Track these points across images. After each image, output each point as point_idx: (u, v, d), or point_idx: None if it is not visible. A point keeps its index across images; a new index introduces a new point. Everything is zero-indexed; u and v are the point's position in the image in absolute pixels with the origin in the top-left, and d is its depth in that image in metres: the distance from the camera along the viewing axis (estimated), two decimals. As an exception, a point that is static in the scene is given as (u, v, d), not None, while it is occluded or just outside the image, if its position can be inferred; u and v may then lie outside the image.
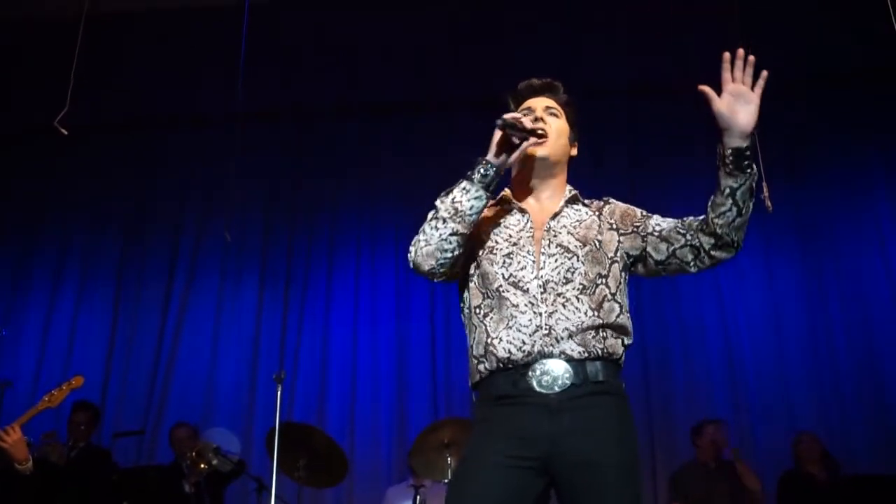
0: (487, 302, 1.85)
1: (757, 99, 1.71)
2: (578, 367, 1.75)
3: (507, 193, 2.02)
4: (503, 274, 1.84)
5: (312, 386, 5.86)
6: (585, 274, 1.82)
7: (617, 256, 1.89)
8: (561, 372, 1.74)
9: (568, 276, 1.82)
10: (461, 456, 1.97)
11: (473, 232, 1.87)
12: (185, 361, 6.02)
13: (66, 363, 6.01)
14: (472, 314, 1.89)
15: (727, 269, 5.80)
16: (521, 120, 1.82)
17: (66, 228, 6.58)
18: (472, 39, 5.67)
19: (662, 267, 1.90)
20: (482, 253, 1.90)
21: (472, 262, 1.92)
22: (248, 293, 6.20)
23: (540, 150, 1.92)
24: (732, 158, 1.71)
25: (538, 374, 1.75)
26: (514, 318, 1.78)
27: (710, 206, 1.77)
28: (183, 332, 6.12)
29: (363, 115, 6.52)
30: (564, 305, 1.78)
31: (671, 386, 5.59)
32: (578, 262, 1.83)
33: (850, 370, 5.48)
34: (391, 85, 6.14)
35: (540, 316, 1.77)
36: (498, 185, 1.88)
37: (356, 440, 5.62)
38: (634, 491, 1.73)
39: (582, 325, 1.77)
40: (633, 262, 1.93)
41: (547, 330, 1.76)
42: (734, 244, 1.81)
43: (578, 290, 1.80)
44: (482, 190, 1.81)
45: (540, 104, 1.99)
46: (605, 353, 1.77)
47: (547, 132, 1.93)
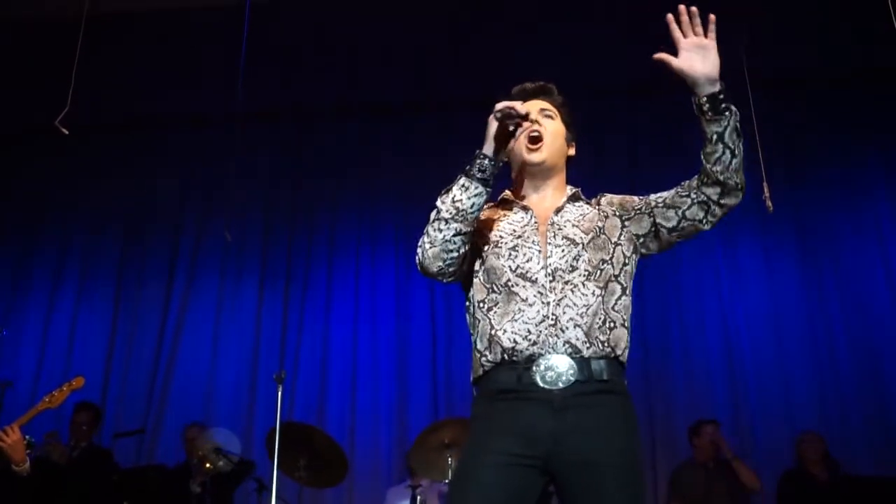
0: (493, 296, 1.85)
1: (712, 44, 1.76)
2: (583, 364, 1.74)
3: (507, 194, 2.02)
4: (510, 266, 1.84)
5: (312, 386, 5.85)
6: (589, 261, 1.83)
7: (621, 240, 1.90)
8: (565, 368, 1.74)
9: (574, 263, 1.82)
10: (461, 454, 1.97)
11: (477, 229, 1.88)
12: (185, 361, 6.01)
13: (66, 363, 6.01)
14: (475, 309, 1.88)
15: (728, 268, 5.82)
16: (514, 107, 1.81)
17: (66, 228, 6.58)
18: (472, 39, 5.67)
19: (677, 233, 1.90)
20: (487, 248, 1.90)
21: (476, 258, 1.92)
22: (248, 293, 6.20)
23: (536, 155, 1.93)
24: (709, 105, 1.75)
25: (542, 369, 1.74)
26: (521, 311, 1.78)
27: (703, 158, 1.80)
28: (183, 332, 6.12)
29: (363, 115, 6.52)
30: (572, 291, 1.79)
31: (671, 386, 5.59)
32: (584, 250, 1.84)
33: (849, 370, 5.47)
34: (391, 85, 6.14)
35: (548, 305, 1.78)
36: (496, 179, 1.88)
37: (356, 440, 5.62)
38: (637, 491, 1.72)
39: (588, 308, 1.77)
40: (643, 241, 1.94)
41: (553, 320, 1.76)
42: (738, 186, 1.82)
43: (584, 276, 1.81)
44: (481, 185, 1.82)
45: (534, 107, 1.99)
46: (608, 346, 1.77)
47: (542, 134, 1.93)
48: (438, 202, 1.85)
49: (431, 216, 1.86)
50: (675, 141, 5.90)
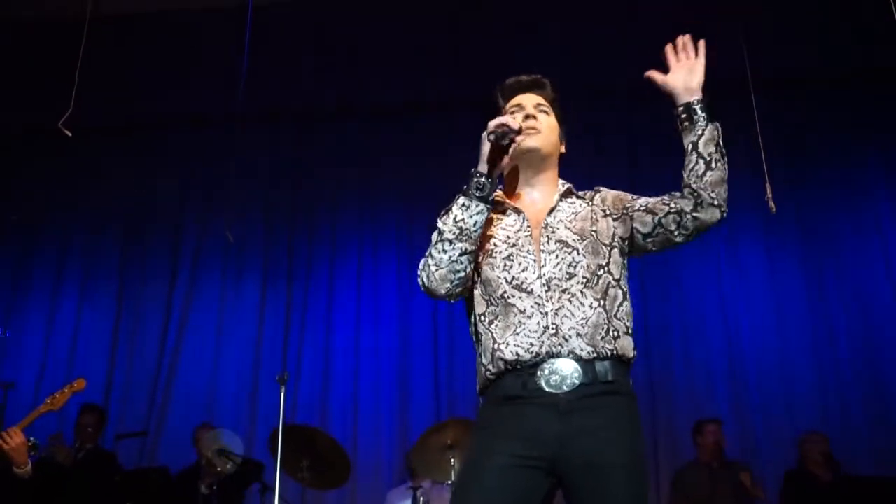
0: (492, 309, 1.84)
1: (700, 65, 1.87)
2: (588, 366, 1.74)
3: (499, 195, 1.98)
4: (506, 278, 1.83)
5: (315, 387, 5.84)
6: (587, 266, 1.82)
7: (614, 242, 1.89)
8: (570, 371, 1.73)
9: (571, 270, 1.81)
10: (465, 458, 1.96)
11: None
12: (187, 363, 6.01)
13: (68, 364, 6.00)
14: (477, 322, 1.87)
15: (729, 268, 5.82)
16: (507, 123, 1.80)
17: (66, 228, 6.57)
18: (472, 39, 5.67)
19: (651, 240, 1.90)
20: (482, 258, 1.88)
21: (473, 269, 1.90)
22: (249, 294, 6.19)
23: (531, 140, 1.91)
24: (685, 115, 1.83)
25: (547, 373, 1.74)
26: (521, 324, 1.77)
27: (682, 170, 1.85)
28: (185, 333, 6.11)
29: (363, 115, 6.51)
30: (570, 301, 1.77)
31: (674, 386, 5.59)
32: (579, 255, 1.83)
33: (851, 370, 5.47)
34: (391, 85, 6.14)
35: (546, 315, 1.77)
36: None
37: (359, 441, 5.61)
38: (642, 491, 1.72)
39: (588, 321, 1.76)
40: (626, 242, 1.93)
41: (554, 329, 1.75)
42: (714, 202, 1.81)
43: (582, 283, 1.80)
44: (482, 203, 1.81)
45: (530, 101, 1.99)
46: (614, 353, 1.77)
47: (538, 128, 1.93)
48: (440, 223, 1.84)
49: (433, 238, 1.84)
50: (675, 141, 5.83)
